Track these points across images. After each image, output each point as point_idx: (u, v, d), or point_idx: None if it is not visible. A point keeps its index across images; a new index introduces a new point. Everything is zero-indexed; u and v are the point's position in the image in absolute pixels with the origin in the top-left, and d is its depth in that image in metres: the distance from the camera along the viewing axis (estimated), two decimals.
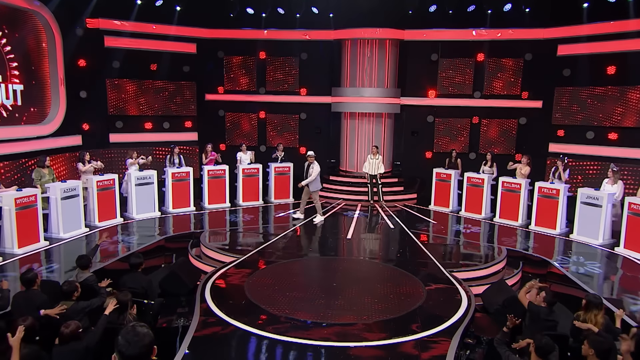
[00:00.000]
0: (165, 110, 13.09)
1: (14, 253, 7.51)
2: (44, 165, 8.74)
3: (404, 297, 6.28)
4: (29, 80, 9.88)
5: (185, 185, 10.85)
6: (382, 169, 12.03)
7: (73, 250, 8.07)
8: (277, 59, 13.70)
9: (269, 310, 5.79)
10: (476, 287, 6.79)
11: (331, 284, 6.69)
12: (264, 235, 9.26)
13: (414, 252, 8.26)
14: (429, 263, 7.62)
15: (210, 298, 6.08)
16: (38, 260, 7.46)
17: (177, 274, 6.61)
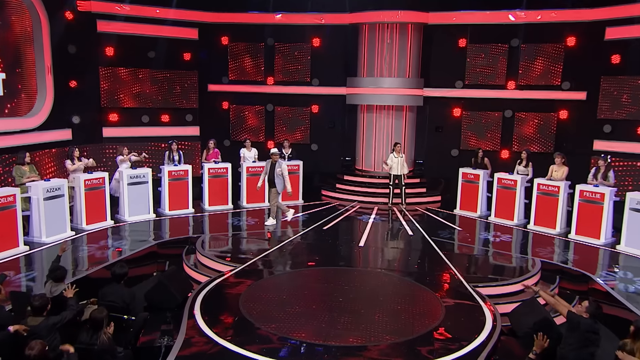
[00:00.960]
0: (164, 102, 13.00)
1: None
2: (24, 162, 8.65)
3: (419, 315, 5.98)
4: (12, 67, 9.83)
5: (184, 185, 10.74)
6: (406, 168, 11.71)
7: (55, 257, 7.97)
8: (287, 46, 13.48)
9: (263, 328, 5.56)
10: (504, 306, 6.48)
11: (337, 298, 6.43)
12: (268, 241, 9.08)
13: (434, 263, 7.98)
14: (451, 276, 7.32)
15: (200, 313, 5.88)
16: (16, 267, 7.37)
17: (166, 285, 6.43)
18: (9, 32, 9.76)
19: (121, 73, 12.36)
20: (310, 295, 6.68)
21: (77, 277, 6.94)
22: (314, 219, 10.52)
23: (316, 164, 13.37)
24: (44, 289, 5.69)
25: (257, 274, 7.29)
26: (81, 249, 8.32)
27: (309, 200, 12.22)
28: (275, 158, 9.98)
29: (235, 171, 11.51)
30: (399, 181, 11.71)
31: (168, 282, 6.49)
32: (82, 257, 8.03)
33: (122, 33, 12.06)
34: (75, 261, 7.86)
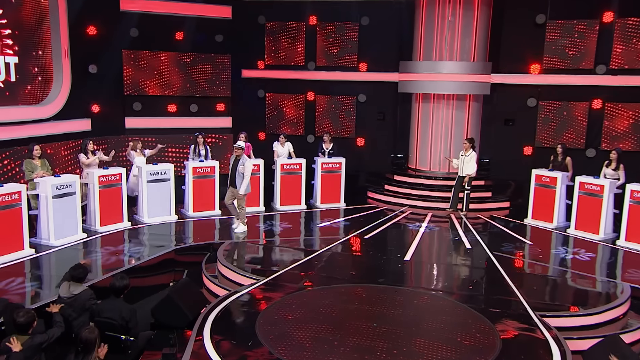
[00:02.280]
0: (193, 89, 13.08)
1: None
2: (33, 155, 8.83)
3: (469, 349, 5.55)
4: (26, 51, 10.09)
5: (210, 184, 10.72)
6: (471, 168, 11.23)
7: (64, 262, 8.07)
8: (331, 25, 13.22)
9: (279, 355, 5.30)
10: (578, 342, 6.01)
11: (371, 323, 6.09)
12: (300, 250, 8.89)
13: (494, 284, 7.51)
14: (513, 301, 6.82)
15: (209, 335, 5.71)
16: (20, 272, 7.48)
17: (175, 301, 6.32)
18: (23, 11, 10.02)
19: (146, 57, 12.51)
20: (340, 317, 6.37)
21: None
22: (356, 226, 10.27)
23: (362, 161, 13.12)
24: (60, 290, 5.72)
25: (282, 290, 7.06)
26: (93, 254, 8.40)
27: (352, 203, 11.98)
28: (238, 152, 9.41)
29: (268, 168, 11.38)
30: (464, 183, 11.30)
31: (177, 297, 6.37)
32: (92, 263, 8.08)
33: (148, 12, 12.20)
34: None
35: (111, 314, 5.54)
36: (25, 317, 4.83)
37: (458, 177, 11.39)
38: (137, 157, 10.44)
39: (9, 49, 9.70)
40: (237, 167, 9.34)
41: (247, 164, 9.35)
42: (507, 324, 6.16)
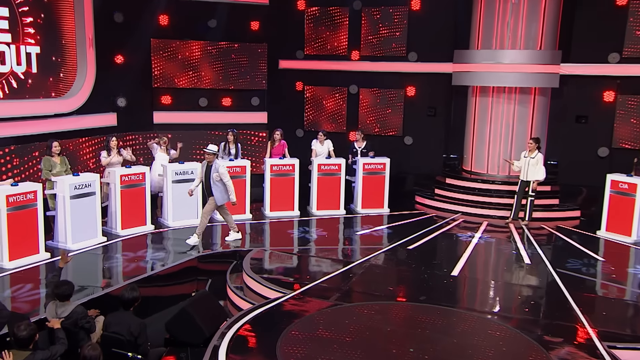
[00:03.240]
0: (226, 81, 13.11)
1: (3, 267, 7.78)
2: (52, 152, 9.01)
3: None
4: (48, 40, 10.33)
5: (240, 185, 10.69)
6: (540, 173, 10.81)
7: (82, 267, 8.24)
8: (377, 10, 12.99)
9: None
10: None
11: (407, 348, 5.85)
12: (334, 261, 8.74)
13: (555, 307, 7.13)
14: (576, 328, 6.45)
15: (225, 355, 5.61)
16: (33, 278, 7.60)
17: (189, 315, 6.25)
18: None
19: (176, 46, 12.62)
20: (372, 339, 6.15)
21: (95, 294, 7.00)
22: (399, 234, 10.07)
23: (410, 162, 12.89)
24: (46, 312, 5.73)
25: (310, 305, 6.91)
26: (111, 259, 8.50)
27: (398, 208, 11.78)
28: (210, 158, 9.05)
29: (304, 169, 11.28)
30: (528, 189, 10.89)
31: (193, 311, 6.30)
32: (110, 269, 8.18)
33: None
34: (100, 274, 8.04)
35: (119, 329, 5.52)
36: (26, 330, 4.83)
37: (521, 181, 10.96)
38: (159, 153, 10.51)
39: (31, 38, 9.95)
40: (211, 174, 9.01)
41: (222, 169, 9.02)
42: (568, 354, 5.82)
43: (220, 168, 9.01)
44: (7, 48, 9.55)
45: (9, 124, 9.55)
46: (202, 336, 6.27)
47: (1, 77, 9.51)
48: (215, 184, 9.01)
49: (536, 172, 10.81)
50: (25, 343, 4.82)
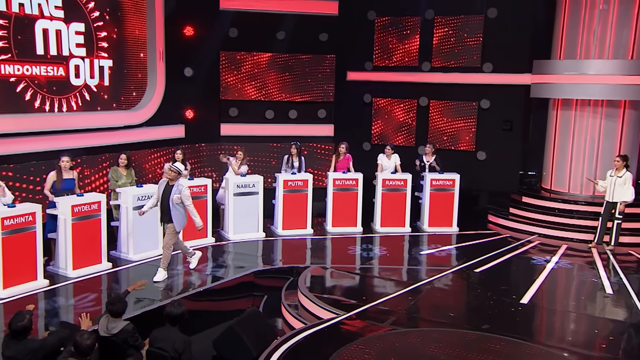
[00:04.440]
0: (293, 93, 13.17)
1: (67, 276, 8.07)
2: (120, 163, 9.31)
3: None
4: (120, 54, 10.75)
5: (302, 199, 10.69)
6: (628, 194, 10.18)
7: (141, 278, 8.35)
8: (451, 19, 12.66)
9: None
10: None
11: None
12: (394, 282, 8.51)
13: (637, 345, 6.65)
14: None
15: None
16: (94, 288, 7.84)
17: (237, 333, 6.24)
18: (119, 13, 10.68)
19: (244, 58, 12.80)
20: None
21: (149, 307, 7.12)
22: (467, 255, 9.72)
23: (482, 178, 12.44)
24: (98, 325, 5.86)
25: (362, 329, 6.73)
26: (169, 272, 8.62)
27: (468, 227, 11.40)
28: (171, 176, 8.00)
29: (368, 183, 11.10)
30: (614, 211, 10.27)
31: (241, 329, 6.28)
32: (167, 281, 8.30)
33: (247, 10, 12.47)
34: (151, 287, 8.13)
35: (163, 344, 5.54)
36: (90, 339, 4.90)
37: (606, 202, 10.30)
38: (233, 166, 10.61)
39: (104, 52, 10.39)
40: (171, 195, 7.91)
41: (186, 191, 7.98)
42: None
43: (184, 190, 7.93)
44: (81, 62, 10.01)
45: (81, 135, 9.95)
46: (250, 356, 6.26)
47: (75, 90, 9.97)
48: (174, 207, 7.92)
49: (623, 193, 10.11)
50: (88, 352, 4.90)
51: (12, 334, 4.90)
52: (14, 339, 4.90)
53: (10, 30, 8.87)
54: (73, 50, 9.84)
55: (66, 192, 8.41)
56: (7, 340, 4.93)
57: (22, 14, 9.01)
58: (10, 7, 8.84)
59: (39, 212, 7.75)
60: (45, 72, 9.47)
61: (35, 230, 7.69)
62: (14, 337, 4.90)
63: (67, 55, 9.75)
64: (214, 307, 8.10)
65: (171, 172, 7.95)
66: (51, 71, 9.55)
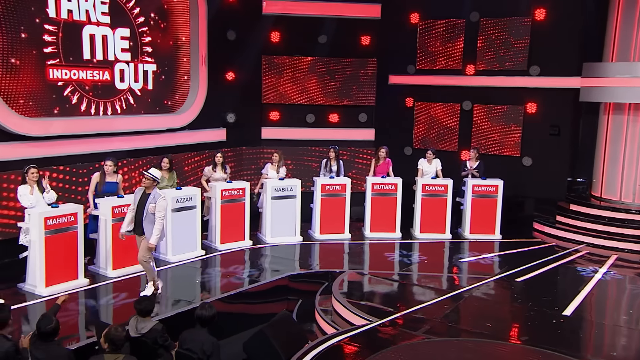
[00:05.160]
0: (334, 97, 13.18)
1: (107, 276, 8.28)
2: (162, 167, 9.49)
3: None
4: (164, 58, 11.00)
5: (340, 203, 10.66)
6: None
7: (179, 280, 8.61)
8: (496, 21, 12.41)
9: None
10: None
11: None
12: (430, 289, 8.36)
13: None
14: None
15: None
16: (133, 288, 7.97)
17: (267, 337, 6.23)
18: (164, 18, 10.92)
19: (285, 62, 12.90)
20: None
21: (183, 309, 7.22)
22: (510, 264, 9.48)
23: (528, 185, 12.17)
24: (128, 325, 5.97)
25: (394, 337, 6.64)
26: (207, 274, 8.78)
27: (512, 235, 11.10)
28: (146, 184, 7.36)
29: (409, 189, 10.97)
30: None
31: (271, 333, 6.27)
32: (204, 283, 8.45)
33: (289, 14, 12.58)
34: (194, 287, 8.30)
35: (192, 345, 5.60)
36: (124, 331, 5.01)
37: None
38: (270, 170, 10.66)
39: (148, 57, 10.65)
40: (146, 205, 7.30)
41: (161, 201, 7.29)
42: None
43: (160, 200, 7.29)
44: (126, 66, 10.28)
45: (125, 138, 10.25)
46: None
47: (120, 94, 10.25)
48: (149, 217, 7.31)
49: None
50: (122, 344, 4.99)
51: (40, 335, 5.00)
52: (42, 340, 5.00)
53: (59, 36, 9.20)
54: (118, 55, 10.12)
55: (108, 195, 8.62)
56: (34, 341, 5.01)
57: (70, 20, 9.33)
58: (59, 13, 9.16)
59: (81, 213, 7.97)
60: (92, 76, 9.78)
61: (77, 230, 7.90)
62: (42, 339, 5.00)
63: (112, 59, 10.04)
64: (248, 310, 8.16)
65: (146, 180, 7.35)
66: (97, 75, 9.86)
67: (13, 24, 8.54)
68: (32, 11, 8.80)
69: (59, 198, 8.64)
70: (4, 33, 8.44)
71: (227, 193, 9.79)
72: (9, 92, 8.59)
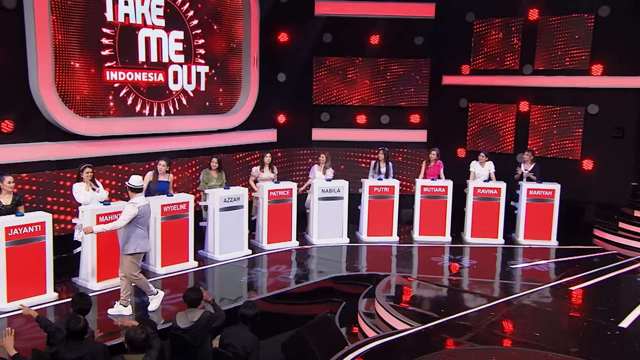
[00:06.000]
0: (385, 98, 13.07)
1: (156, 272, 8.52)
2: (211, 166, 9.67)
3: None
4: (216, 60, 11.19)
5: (388, 205, 10.57)
6: None
7: (225, 278, 8.77)
8: (556, 19, 11.98)
9: None
10: None
11: None
12: (477, 296, 8.19)
13: None
14: None
15: None
16: (180, 286, 8.12)
17: (305, 338, 6.24)
18: (216, 20, 11.11)
19: (337, 63, 12.89)
20: None
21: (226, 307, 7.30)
22: (565, 272, 9.18)
23: (588, 189, 11.71)
24: (177, 320, 6.08)
25: (435, 343, 6.51)
26: (253, 273, 8.87)
27: (570, 242, 10.73)
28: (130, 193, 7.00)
29: (461, 192, 10.76)
30: None
31: (309, 334, 6.28)
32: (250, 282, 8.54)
33: (341, 15, 12.56)
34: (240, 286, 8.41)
35: (233, 341, 5.71)
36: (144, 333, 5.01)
37: None
38: (317, 172, 10.71)
39: (201, 59, 10.88)
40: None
41: (129, 206, 6.83)
42: None
43: (127, 205, 6.87)
44: (180, 68, 10.54)
45: (177, 139, 10.50)
46: None
47: (173, 95, 10.52)
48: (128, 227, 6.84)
49: None
50: (143, 346, 5.03)
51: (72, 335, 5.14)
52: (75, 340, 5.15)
53: (116, 39, 9.53)
54: (172, 57, 10.38)
55: (159, 194, 8.86)
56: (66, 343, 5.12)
57: (127, 23, 9.64)
58: (116, 17, 9.50)
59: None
60: (146, 78, 10.07)
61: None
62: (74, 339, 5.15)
63: (166, 61, 10.30)
64: (292, 310, 8.20)
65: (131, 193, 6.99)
66: (151, 77, 10.14)
67: (73, 28, 8.90)
68: (91, 15, 9.14)
69: (113, 196, 9.00)
70: (65, 37, 8.80)
71: (274, 193, 9.87)
72: (67, 93, 8.96)
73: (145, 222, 6.99)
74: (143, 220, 6.91)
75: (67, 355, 5.05)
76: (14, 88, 8.37)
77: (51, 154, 8.80)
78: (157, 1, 9.99)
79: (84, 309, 5.57)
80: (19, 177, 8.17)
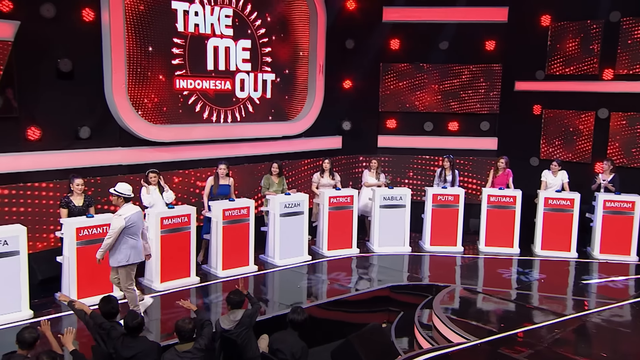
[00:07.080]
0: (454, 105, 12.78)
1: (217, 275, 8.72)
2: (272, 172, 9.80)
3: None
4: (283, 68, 11.34)
5: (452, 214, 10.35)
6: None
7: (283, 282, 8.86)
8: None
9: None
10: None
11: None
12: (542, 311, 7.84)
13: None
14: None
15: None
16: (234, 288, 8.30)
17: (353, 347, 6.23)
18: (284, 28, 11.29)
19: (404, 70, 12.74)
20: None
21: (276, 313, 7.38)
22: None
23: None
24: (222, 323, 6.22)
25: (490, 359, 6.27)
26: (311, 279, 8.92)
27: None
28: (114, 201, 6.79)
29: (529, 202, 10.35)
30: None
31: (358, 343, 6.24)
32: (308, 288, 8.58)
33: (409, 21, 12.40)
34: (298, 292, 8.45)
35: (282, 347, 5.75)
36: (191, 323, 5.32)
37: None
38: (368, 177, 10.69)
39: (267, 67, 11.07)
40: None
41: (115, 220, 6.59)
42: None
43: (114, 218, 6.67)
44: (246, 76, 10.78)
45: (243, 145, 10.73)
46: None
47: (240, 102, 10.77)
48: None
49: None
50: (190, 335, 5.29)
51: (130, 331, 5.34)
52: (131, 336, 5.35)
53: (186, 48, 9.88)
54: (239, 66, 10.63)
55: (221, 197, 9.09)
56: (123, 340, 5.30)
57: (196, 33, 9.97)
58: (187, 27, 9.85)
59: (194, 214, 8.48)
60: (214, 86, 10.37)
61: (190, 230, 8.41)
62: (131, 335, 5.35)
63: (233, 70, 10.56)
64: (349, 318, 8.13)
65: (111, 196, 6.78)
66: (219, 85, 10.43)
67: (146, 38, 9.32)
68: (163, 26, 9.53)
69: (180, 200, 9.31)
70: (138, 46, 9.23)
71: (335, 200, 9.89)
72: (139, 101, 9.38)
73: (136, 231, 6.74)
74: (134, 229, 6.68)
75: (124, 352, 5.27)
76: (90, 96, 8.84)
77: (123, 159, 9.23)
78: (225, 11, 10.26)
79: (110, 312, 5.61)
80: (92, 180, 8.64)
